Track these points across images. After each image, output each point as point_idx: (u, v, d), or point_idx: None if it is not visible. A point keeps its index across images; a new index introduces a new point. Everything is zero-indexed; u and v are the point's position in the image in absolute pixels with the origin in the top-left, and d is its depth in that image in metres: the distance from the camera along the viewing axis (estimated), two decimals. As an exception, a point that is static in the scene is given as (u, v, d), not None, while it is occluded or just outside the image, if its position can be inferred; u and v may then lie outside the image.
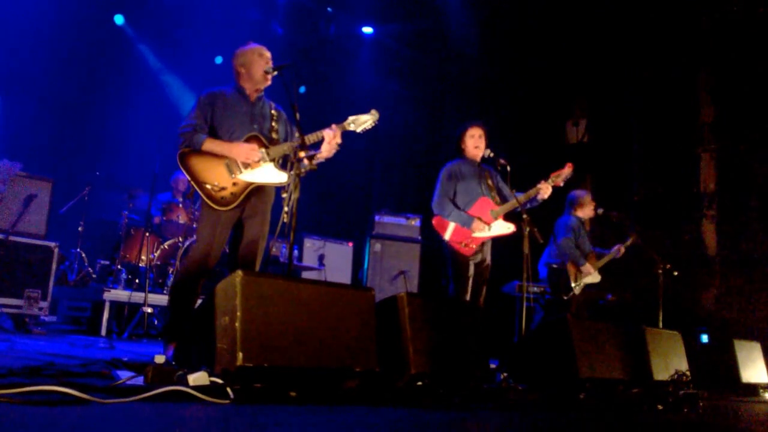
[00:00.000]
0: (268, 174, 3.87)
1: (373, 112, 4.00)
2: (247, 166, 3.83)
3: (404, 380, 3.26)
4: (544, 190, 4.90)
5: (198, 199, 3.91)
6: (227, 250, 6.69)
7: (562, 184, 5.06)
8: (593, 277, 6.40)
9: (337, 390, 3.01)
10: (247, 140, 3.86)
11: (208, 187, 3.77)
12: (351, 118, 3.98)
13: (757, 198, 8.17)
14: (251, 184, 3.84)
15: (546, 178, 4.98)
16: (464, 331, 3.77)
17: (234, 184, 3.81)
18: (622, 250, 6.62)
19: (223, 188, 3.79)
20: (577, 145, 9.94)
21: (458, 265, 4.92)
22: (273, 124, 4.03)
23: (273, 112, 4.08)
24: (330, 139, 3.84)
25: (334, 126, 3.90)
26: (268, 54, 4.01)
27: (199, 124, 3.86)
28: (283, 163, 3.99)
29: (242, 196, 3.82)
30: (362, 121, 3.97)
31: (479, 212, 4.94)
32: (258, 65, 3.96)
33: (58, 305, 6.65)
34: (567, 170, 5.03)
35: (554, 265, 6.48)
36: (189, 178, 3.80)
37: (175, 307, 3.93)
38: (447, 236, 4.90)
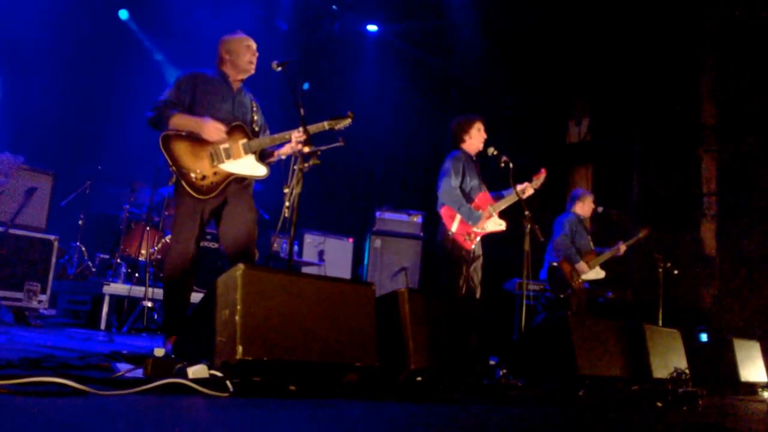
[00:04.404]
0: (249, 166, 3.86)
1: (350, 114, 3.93)
2: (229, 156, 3.81)
3: (404, 375, 3.26)
4: (528, 191, 5.01)
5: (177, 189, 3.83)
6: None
7: (538, 187, 5.13)
8: (596, 273, 6.41)
9: (337, 384, 3.01)
10: (232, 129, 3.84)
11: (192, 175, 3.74)
12: (327, 121, 3.92)
13: (758, 199, 8.16)
14: (231, 175, 3.82)
15: (530, 180, 5.09)
16: (464, 328, 3.77)
17: (215, 173, 3.79)
18: (623, 248, 6.63)
19: (203, 177, 3.76)
20: (579, 144, 9.93)
21: (452, 259, 4.89)
22: (254, 115, 4.03)
23: (254, 107, 4.07)
24: (293, 141, 3.78)
25: (300, 129, 3.80)
26: (254, 45, 4.03)
27: (172, 101, 3.82)
28: (287, 158, 3.98)
29: (222, 186, 3.79)
30: (338, 122, 3.92)
31: (481, 207, 4.95)
32: (245, 56, 3.98)
33: (58, 299, 6.65)
34: (543, 175, 5.15)
35: (553, 263, 6.50)
36: (170, 163, 3.73)
37: (170, 301, 3.91)
38: (453, 228, 4.87)
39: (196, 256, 3.88)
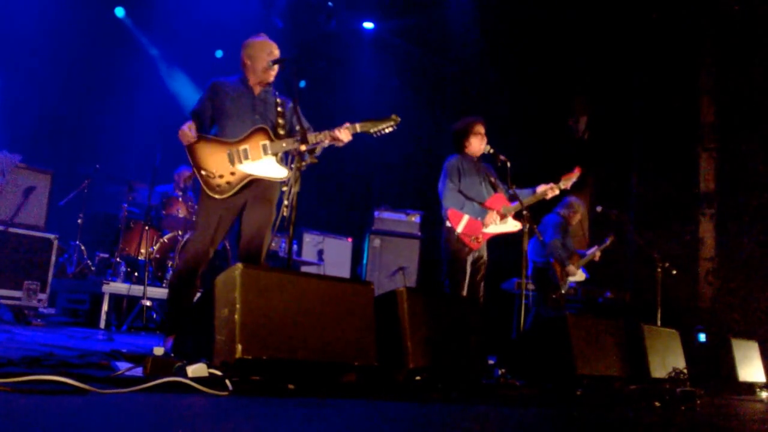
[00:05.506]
0: (268, 168, 3.87)
1: (394, 117, 3.88)
2: (247, 157, 3.83)
3: (403, 375, 3.26)
4: (552, 192, 4.97)
5: (199, 191, 3.93)
6: (226, 246, 6.75)
7: (569, 187, 5.11)
8: (579, 276, 6.52)
9: (336, 384, 3.02)
10: (253, 132, 3.87)
11: (203, 173, 3.82)
12: (368, 122, 3.87)
13: (757, 198, 8.17)
14: (249, 176, 3.85)
15: (556, 180, 5.04)
16: (463, 327, 3.77)
17: (232, 173, 3.83)
18: (598, 254, 6.78)
19: (220, 176, 3.82)
20: (577, 143, 9.94)
21: (455, 260, 4.92)
22: (278, 118, 4.03)
23: (279, 108, 4.08)
24: (337, 134, 3.81)
25: (347, 124, 3.83)
26: (276, 52, 4.03)
27: (194, 113, 3.95)
28: (285, 157, 3.99)
29: (238, 187, 3.83)
30: (379, 126, 3.88)
31: (494, 207, 4.95)
32: (262, 60, 3.98)
33: (57, 298, 6.65)
34: (576, 173, 5.13)
35: (539, 264, 6.55)
36: (192, 165, 3.87)
37: (174, 300, 3.94)
38: (459, 229, 4.88)
39: (210, 256, 3.93)
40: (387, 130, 3.91)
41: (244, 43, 4.06)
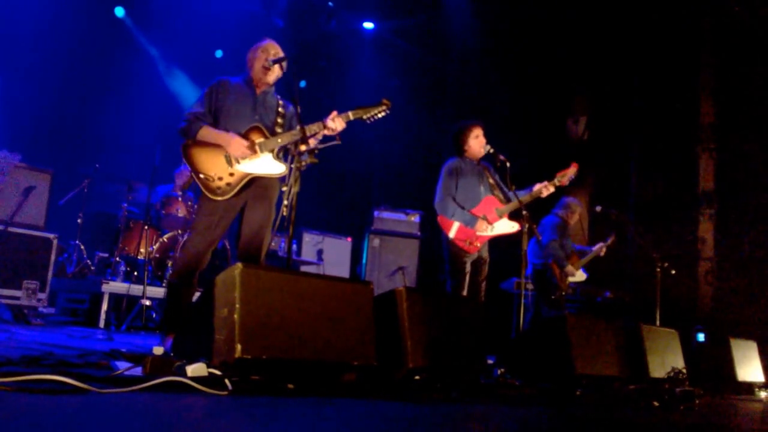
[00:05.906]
0: (266, 165, 3.88)
1: (384, 101, 3.96)
2: (244, 157, 3.85)
3: (402, 374, 3.27)
4: (547, 190, 4.95)
5: (198, 191, 3.94)
6: (226, 245, 6.74)
7: (567, 184, 5.09)
8: (579, 276, 6.53)
9: (335, 383, 3.02)
10: (249, 131, 3.88)
11: (202, 176, 3.82)
12: (359, 108, 3.95)
13: (756, 197, 8.18)
14: (248, 175, 3.86)
15: (551, 177, 5.01)
16: (462, 327, 3.77)
17: (231, 174, 3.84)
18: (604, 250, 6.78)
19: (219, 178, 3.83)
20: (576, 143, 9.94)
21: (456, 261, 4.94)
22: (278, 118, 4.05)
23: (280, 109, 4.10)
24: (330, 124, 3.85)
25: (335, 113, 3.88)
26: (272, 51, 4.05)
27: (202, 112, 3.93)
28: (284, 156, 4.00)
29: (238, 187, 3.84)
30: (371, 112, 3.95)
31: (484, 211, 4.95)
32: (258, 61, 4.02)
33: (57, 297, 6.66)
34: (572, 170, 5.08)
35: (537, 265, 6.56)
36: (190, 168, 3.87)
37: (173, 299, 3.94)
38: (452, 235, 4.90)
39: (208, 257, 3.95)
40: (380, 115, 3.96)
41: (250, 47, 4.11)
